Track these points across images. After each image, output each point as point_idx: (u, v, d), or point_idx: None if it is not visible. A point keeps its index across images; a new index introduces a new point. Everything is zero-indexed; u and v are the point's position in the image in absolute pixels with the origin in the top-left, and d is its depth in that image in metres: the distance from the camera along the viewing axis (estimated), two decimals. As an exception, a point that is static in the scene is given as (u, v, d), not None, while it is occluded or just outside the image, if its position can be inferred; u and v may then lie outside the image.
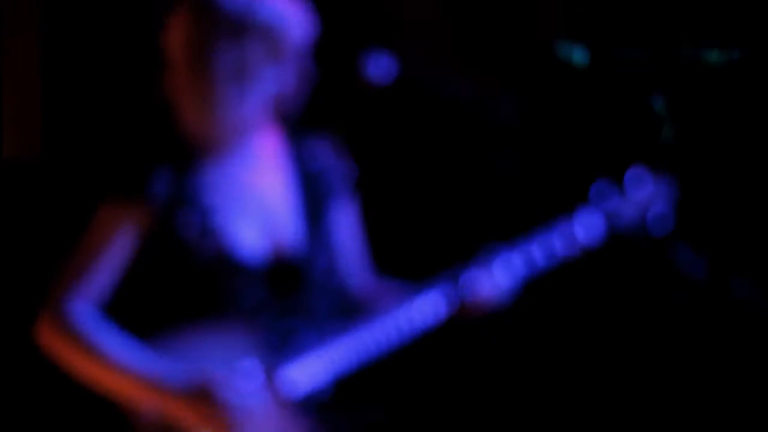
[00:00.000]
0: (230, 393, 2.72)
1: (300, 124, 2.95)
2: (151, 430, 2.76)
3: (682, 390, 3.86)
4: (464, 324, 2.91)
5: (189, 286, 2.84)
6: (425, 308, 2.89)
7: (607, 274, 3.67)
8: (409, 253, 3.61)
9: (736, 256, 3.52)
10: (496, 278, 2.91)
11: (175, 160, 2.82)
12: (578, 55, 3.55)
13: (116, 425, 2.82)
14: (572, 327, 3.92)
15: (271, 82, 2.81)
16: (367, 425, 2.93)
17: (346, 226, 3.02)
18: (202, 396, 2.72)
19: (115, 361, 2.73)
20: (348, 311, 2.99)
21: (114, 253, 2.77)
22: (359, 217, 3.06)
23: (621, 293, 3.78)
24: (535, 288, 2.92)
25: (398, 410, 2.91)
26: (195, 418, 2.72)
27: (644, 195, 2.96)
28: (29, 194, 3.97)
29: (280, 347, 2.87)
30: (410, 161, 3.89)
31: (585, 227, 2.91)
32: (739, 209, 3.76)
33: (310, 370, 2.84)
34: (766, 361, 3.72)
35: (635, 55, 3.66)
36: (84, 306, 2.75)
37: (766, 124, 3.77)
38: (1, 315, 3.84)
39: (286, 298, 2.86)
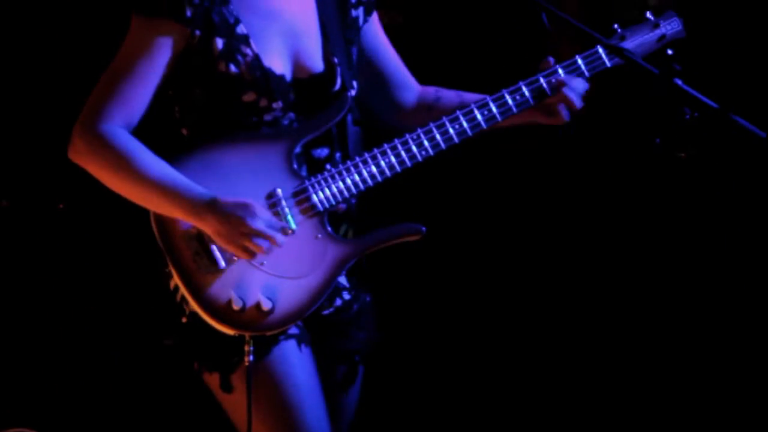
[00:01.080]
0: (250, 214, 2.79)
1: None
2: (185, 238, 2.86)
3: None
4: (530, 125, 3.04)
5: (218, 106, 2.89)
6: (498, 102, 2.99)
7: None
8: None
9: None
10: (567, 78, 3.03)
11: None
12: None
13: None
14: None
15: None
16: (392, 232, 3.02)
17: (382, 40, 3.09)
18: (220, 213, 2.79)
19: (143, 180, 2.80)
20: (401, 119, 3.08)
21: (148, 75, 2.82)
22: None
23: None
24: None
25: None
26: (212, 233, 2.81)
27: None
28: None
29: (307, 168, 2.94)
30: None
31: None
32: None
33: (337, 190, 2.91)
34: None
35: None
36: (117, 126, 2.82)
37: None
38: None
39: (314, 119, 2.92)
